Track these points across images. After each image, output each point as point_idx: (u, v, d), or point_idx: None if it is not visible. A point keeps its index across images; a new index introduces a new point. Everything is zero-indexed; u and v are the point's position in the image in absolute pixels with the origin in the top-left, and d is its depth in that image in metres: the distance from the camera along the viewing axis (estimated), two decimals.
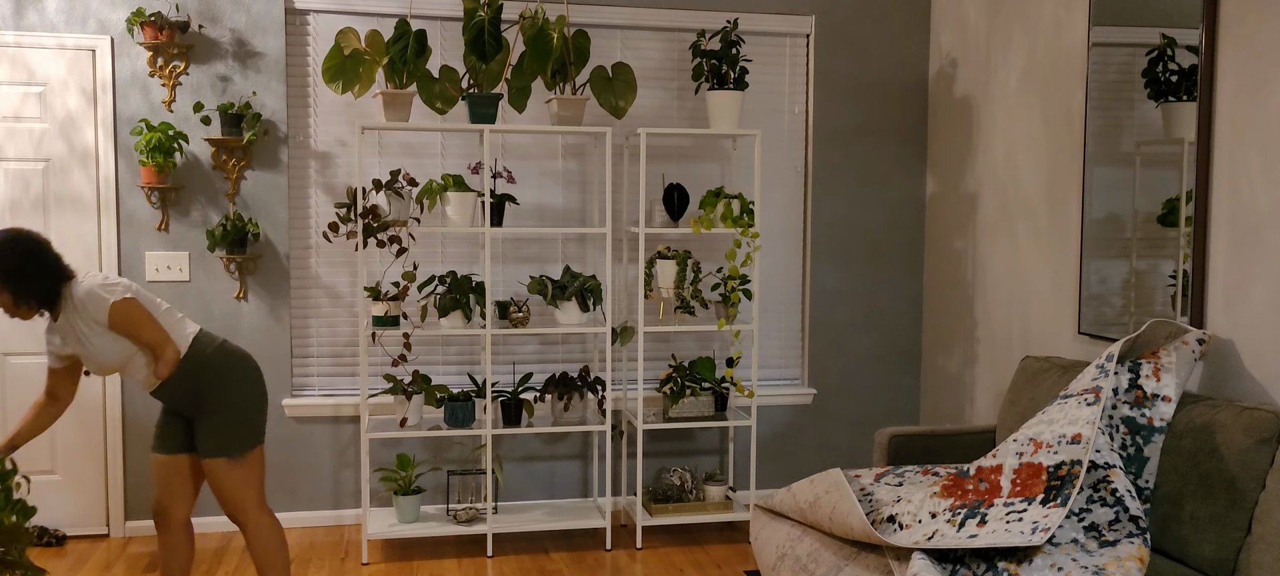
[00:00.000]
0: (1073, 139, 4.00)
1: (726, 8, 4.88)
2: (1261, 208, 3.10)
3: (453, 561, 4.32)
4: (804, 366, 5.15)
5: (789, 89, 5.03)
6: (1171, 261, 3.45)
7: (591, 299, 4.44)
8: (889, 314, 5.16)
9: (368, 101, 4.65)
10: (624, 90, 4.42)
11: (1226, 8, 3.23)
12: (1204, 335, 3.17)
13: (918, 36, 5.08)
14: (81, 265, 4.45)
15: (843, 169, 5.05)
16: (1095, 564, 2.66)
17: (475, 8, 4.18)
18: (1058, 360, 3.67)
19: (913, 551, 2.81)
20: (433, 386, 4.43)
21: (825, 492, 3.18)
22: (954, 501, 2.99)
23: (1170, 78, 3.43)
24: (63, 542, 4.48)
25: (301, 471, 4.69)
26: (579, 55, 4.34)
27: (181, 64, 4.47)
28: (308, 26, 4.62)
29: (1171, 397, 3.06)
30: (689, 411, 4.60)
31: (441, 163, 4.75)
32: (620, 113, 4.44)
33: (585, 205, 4.88)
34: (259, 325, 4.60)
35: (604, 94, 4.42)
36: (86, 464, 4.53)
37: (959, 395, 4.86)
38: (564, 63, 4.32)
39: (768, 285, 5.06)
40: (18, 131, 4.38)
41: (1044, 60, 4.17)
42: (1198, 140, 3.31)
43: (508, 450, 4.84)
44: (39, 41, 4.35)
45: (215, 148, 4.51)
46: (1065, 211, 4.05)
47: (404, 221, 4.23)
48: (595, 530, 4.63)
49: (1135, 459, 3.05)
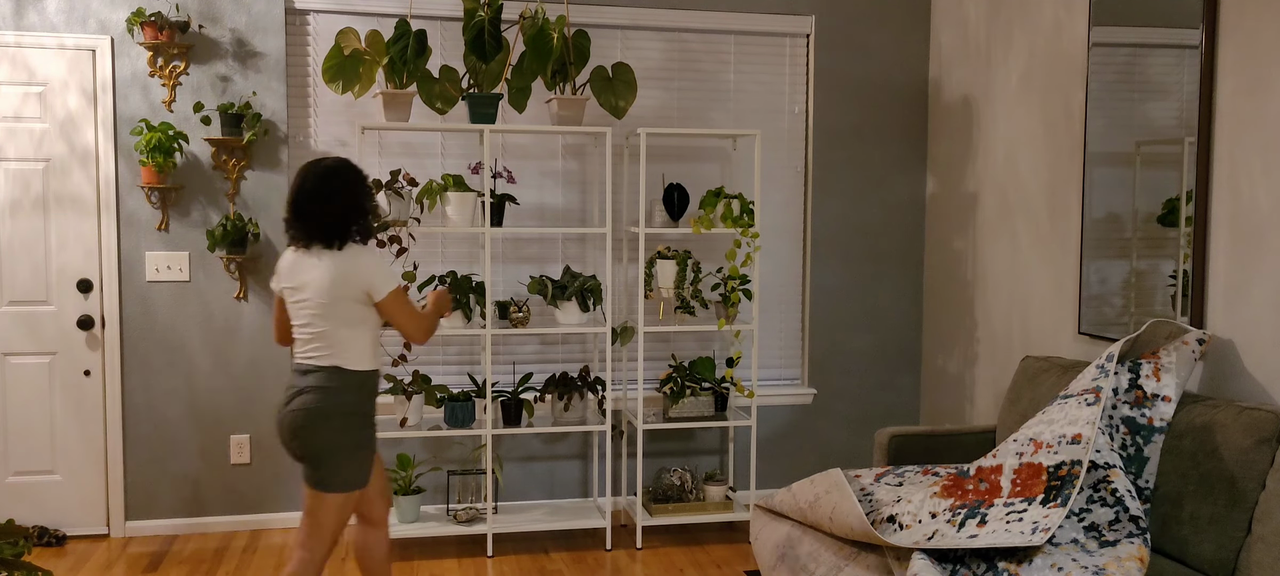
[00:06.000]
0: (1073, 139, 4.00)
1: (726, 8, 4.88)
2: (1261, 208, 3.10)
3: (453, 561, 4.32)
4: (804, 366, 5.15)
5: (789, 89, 5.03)
6: (1171, 261, 3.45)
7: (591, 299, 4.44)
8: (889, 314, 5.16)
9: (368, 101, 4.64)
10: (624, 90, 4.42)
11: (1226, 8, 3.23)
12: (1204, 335, 3.17)
13: (918, 36, 5.08)
14: (81, 265, 4.45)
15: (843, 169, 5.05)
16: (1095, 564, 2.66)
17: (475, 8, 4.18)
18: (1058, 360, 3.68)
19: (913, 551, 2.81)
20: (433, 386, 4.43)
21: (825, 492, 3.18)
22: (954, 501, 2.99)
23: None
24: (63, 542, 4.48)
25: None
26: (579, 55, 4.34)
27: (181, 64, 4.47)
28: (308, 26, 4.62)
29: (1171, 397, 3.06)
30: (689, 411, 4.60)
31: (441, 163, 4.75)
32: (620, 113, 4.44)
33: (585, 205, 4.88)
34: (259, 325, 4.60)
35: (604, 94, 4.42)
36: (86, 464, 4.53)
37: (959, 395, 4.86)
38: (564, 63, 4.32)
39: (768, 285, 5.06)
40: (18, 131, 4.38)
41: (1044, 60, 4.17)
42: (1198, 140, 3.31)
43: (508, 450, 4.84)
44: (39, 41, 4.35)
45: (215, 148, 4.51)
46: (1065, 211, 4.05)
47: (404, 221, 4.23)
48: (595, 530, 4.63)
49: (1135, 459, 3.05)
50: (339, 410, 3.05)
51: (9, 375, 4.45)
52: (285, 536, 4.58)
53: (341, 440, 3.07)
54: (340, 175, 3.07)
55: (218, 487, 4.64)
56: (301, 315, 3.09)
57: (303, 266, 3.08)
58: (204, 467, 4.62)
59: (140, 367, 4.52)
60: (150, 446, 4.56)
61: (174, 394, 4.56)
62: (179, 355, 4.55)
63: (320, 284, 3.03)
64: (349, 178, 3.08)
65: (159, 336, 4.53)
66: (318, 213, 3.03)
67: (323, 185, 3.04)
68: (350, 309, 3.06)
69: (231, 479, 4.64)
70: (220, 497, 4.64)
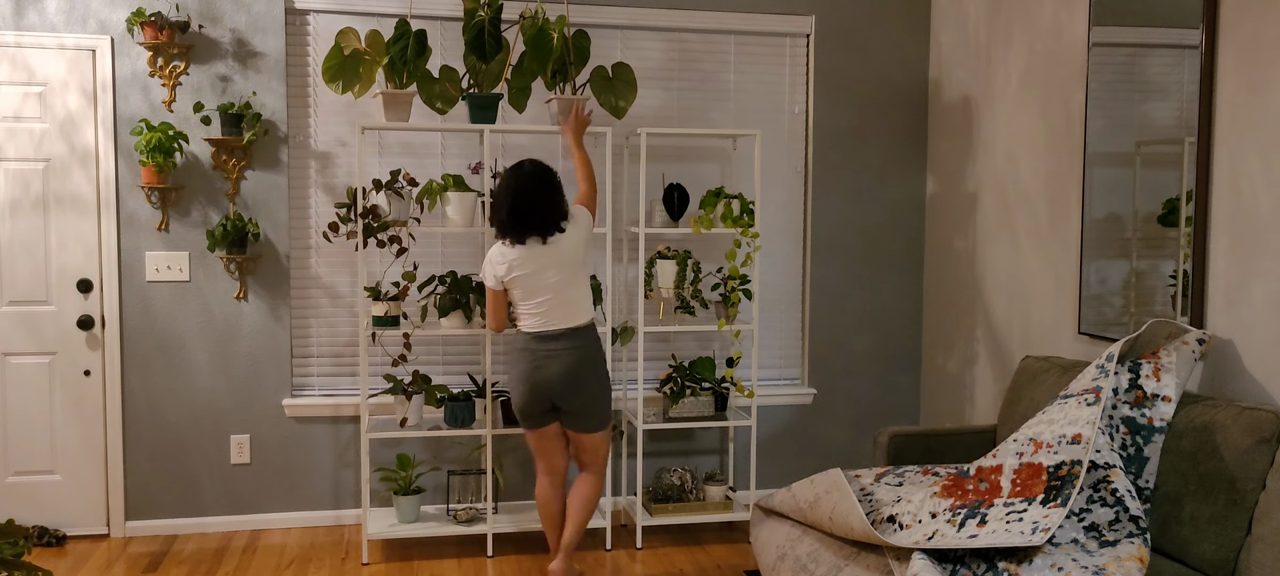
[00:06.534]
0: (1073, 139, 4.00)
1: (726, 8, 4.88)
2: (1262, 208, 3.10)
3: (453, 561, 4.32)
4: (804, 366, 5.15)
5: (789, 89, 5.03)
6: (1171, 261, 3.45)
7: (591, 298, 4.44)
8: (889, 314, 5.16)
9: (368, 101, 4.64)
10: (624, 90, 4.42)
11: (1226, 8, 3.23)
12: (1204, 335, 3.17)
13: (918, 36, 5.08)
14: (81, 265, 4.45)
15: (843, 169, 5.05)
16: (1095, 564, 2.66)
17: (475, 8, 4.18)
18: (1058, 360, 3.68)
19: (913, 551, 2.81)
20: (433, 386, 4.43)
21: (825, 492, 3.18)
22: (954, 501, 2.99)
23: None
24: (63, 542, 4.48)
25: (301, 471, 4.70)
26: (579, 55, 4.34)
27: (181, 64, 4.47)
28: (308, 26, 4.62)
29: (1171, 397, 3.06)
30: (689, 411, 4.60)
31: (441, 163, 4.75)
32: (620, 113, 4.43)
33: None
34: (259, 325, 4.60)
35: (604, 94, 4.42)
36: (86, 464, 4.54)
37: (959, 395, 4.86)
38: (564, 62, 4.32)
39: (768, 285, 5.06)
40: (18, 131, 4.38)
41: (1044, 60, 4.17)
42: (1198, 140, 3.31)
43: (508, 450, 4.84)
44: (39, 41, 4.35)
45: (215, 148, 4.51)
46: (1065, 211, 4.05)
47: (404, 221, 4.23)
48: (595, 530, 4.63)
49: (1135, 459, 3.05)
50: (599, 357, 3.83)
51: (9, 375, 4.45)
52: (285, 536, 4.58)
53: (606, 382, 3.85)
54: (546, 174, 3.73)
55: (218, 487, 4.64)
56: (543, 292, 3.73)
57: (533, 254, 3.72)
58: (204, 467, 4.62)
59: (140, 367, 4.52)
60: (150, 446, 4.56)
61: (174, 394, 4.56)
62: (179, 355, 4.55)
63: (565, 259, 3.73)
64: (550, 173, 3.74)
65: (159, 336, 4.53)
66: (545, 209, 3.69)
67: (539, 185, 3.69)
68: (582, 272, 3.80)
69: (231, 479, 4.65)
70: (220, 497, 4.64)
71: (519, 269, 3.73)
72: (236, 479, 4.65)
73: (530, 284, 3.74)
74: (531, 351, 3.75)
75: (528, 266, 3.72)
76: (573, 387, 3.74)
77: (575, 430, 3.84)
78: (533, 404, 3.78)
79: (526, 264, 3.72)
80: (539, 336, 3.75)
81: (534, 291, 3.74)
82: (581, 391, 3.76)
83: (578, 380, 3.74)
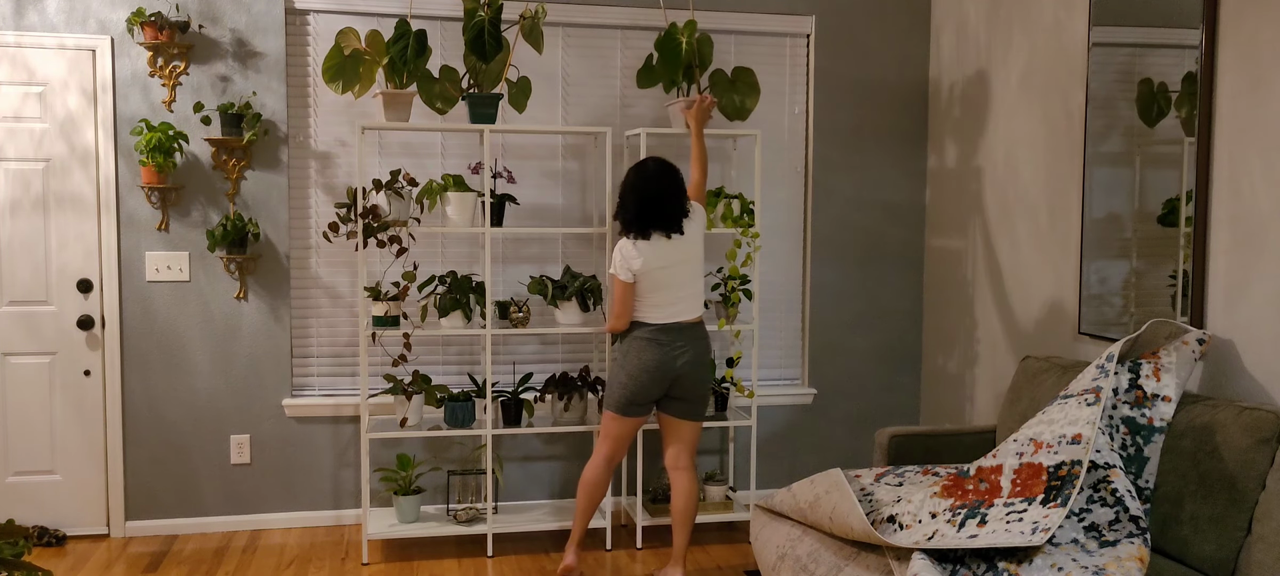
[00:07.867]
0: (1073, 139, 4.00)
1: (726, 8, 4.88)
2: (1262, 208, 3.10)
3: (453, 561, 4.32)
4: (804, 366, 5.15)
5: (789, 89, 5.03)
6: (1171, 261, 3.45)
7: (591, 299, 4.44)
8: (889, 314, 5.16)
9: (368, 101, 4.65)
10: (748, 91, 4.53)
11: (1226, 8, 3.23)
12: (1204, 335, 3.17)
13: (918, 36, 5.08)
14: (81, 265, 4.45)
15: (843, 169, 5.05)
16: (1095, 564, 2.66)
17: (475, 8, 4.18)
18: (1058, 360, 3.68)
19: (913, 551, 2.82)
20: (433, 386, 4.43)
21: (825, 493, 3.18)
22: (954, 501, 2.99)
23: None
24: (63, 542, 4.48)
25: (301, 471, 4.70)
26: (702, 60, 4.46)
27: (181, 64, 4.47)
28: (308, 26, 4.62)
29: (1171, 397, 3.06)
30: None
31: (441, 163, 4.75)
32: (745, 113, 4.53)
33: (585, 205, 4.88)
34: (259, 325, 4.60)
35: (727, 94, 4.53)
36: (86, 464, 4.54)
37: (959, 395, 4.86)
38: (690, 66, 4.44)
39: (768, 285, 5.06)
40: (18, 131, 4.38)
41: (1044, 60, 4.17)
42: (1198, 140, 3.31)
43: (508, 450, 4.84)
44: (39, 41, 4.35)
45: (215, 148, 4.51)
46: (1065, 211, 4.05)
47: (404, 221, 4.23)
48: (595, 530, 4.63)
49: (1135, 459, 3.05)
50: (710, 350, 4.04)
51: (9, 375, 4.45)
52: (285, 536, 4.58)
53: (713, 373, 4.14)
54: (670, 171, 3.89)
55: (218, 487, 4.64)
56: (671, 286, 3.89)
57: (662, 248, 3.87)
58: (204, 467, 4.62)
59: (140, 367, 4.52)
60: (150, 446, 4.56)
61: (174, 394, 4.57)
62: (179, 355, 4.55)
63: (689, 254, 3.92)
64: (673, 171, 3.90)
65: (159, 336, 4.53)
66: (671, 205, 3.86)
67: (664, 183, 3.85)
68: (701, 266, 3.98)
69: (231, 479, 4.65)
70: (220, 497, 4.64)
71: (653, 261, 3.87)
72: (236, 479, 4.65)
73: (659, 278, 3.88)
74: (660, 343, 3.89)
75: (658, 260, 3.87)
76: (698, 378, 3.96)
77: (689, 418, 4.01)
78: (648, 392, 3.93)
79: (657, 258, 3.87)
80: (667, 328, 3.91)
81: (662, 285, 3.89)
82: (703, 382, 3.99)
83: (702, 370, 3.97)
